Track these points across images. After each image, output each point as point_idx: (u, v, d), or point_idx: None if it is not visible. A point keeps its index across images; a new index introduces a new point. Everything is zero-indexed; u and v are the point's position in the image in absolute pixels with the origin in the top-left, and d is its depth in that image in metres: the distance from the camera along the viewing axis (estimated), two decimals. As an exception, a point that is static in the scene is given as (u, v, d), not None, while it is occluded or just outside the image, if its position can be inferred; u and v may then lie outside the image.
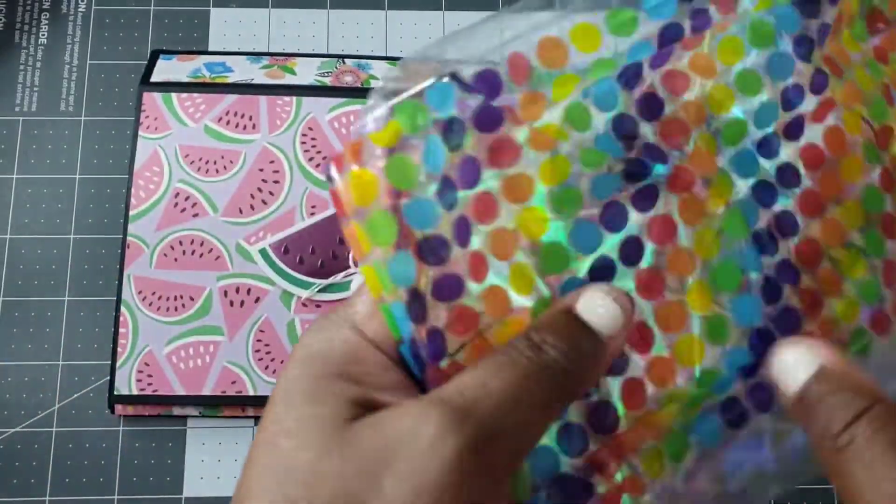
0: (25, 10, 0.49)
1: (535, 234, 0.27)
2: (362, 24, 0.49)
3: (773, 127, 0.29)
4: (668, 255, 0.28)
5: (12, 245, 0.45)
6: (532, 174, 0.27)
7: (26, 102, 0.47)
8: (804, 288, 0.29)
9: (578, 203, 0.27)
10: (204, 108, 0.44)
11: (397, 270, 0.25)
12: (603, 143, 0.27)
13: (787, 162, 0.29)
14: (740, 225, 0.29)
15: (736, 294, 0.28)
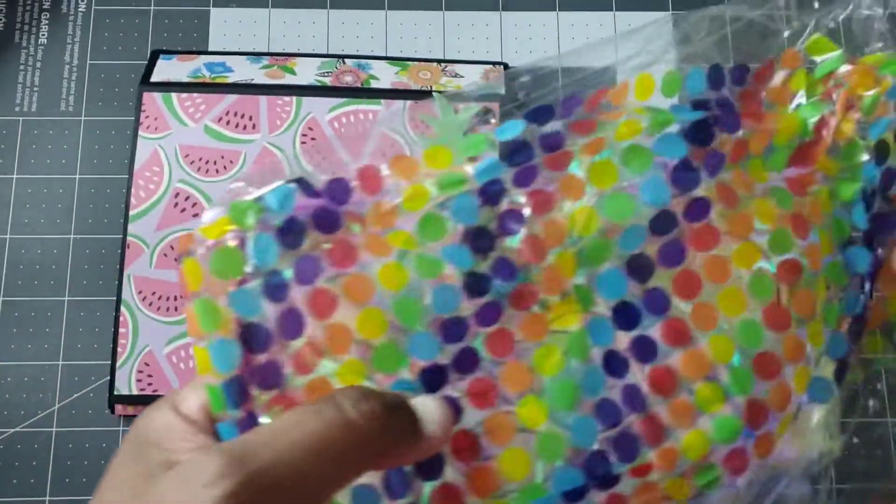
0: (25, 10, 0.49)
1: (372, 336, 0.27)
2: (362, 24, 0.49)
3: (641, 248, 0.29)
4: (503, 368, 0.28)
5: (12, 245, 0.45)
6: (373, 277, 0.28)
7: (26, 102, 0.47)
8: (650, 415, 0.28)
9: (417, 312, 0.28)
10: (204, 108, 0.44)
11: (218, 356, 0.26)
12: (451, 254, 0.28)
13: (657, 287, 0.29)
14: (586, 345, 0.29)
15: (571, 413, 0.28)
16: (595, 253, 0.29)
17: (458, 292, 0.28)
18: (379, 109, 0.44)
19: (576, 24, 0.49)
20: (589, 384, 0.28)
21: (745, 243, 0.29)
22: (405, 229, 0.29)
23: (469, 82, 0.46)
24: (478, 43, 0.49)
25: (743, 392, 0.28)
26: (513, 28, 0.49)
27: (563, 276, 0.29)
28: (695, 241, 0.29)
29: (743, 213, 0.30)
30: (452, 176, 0.29)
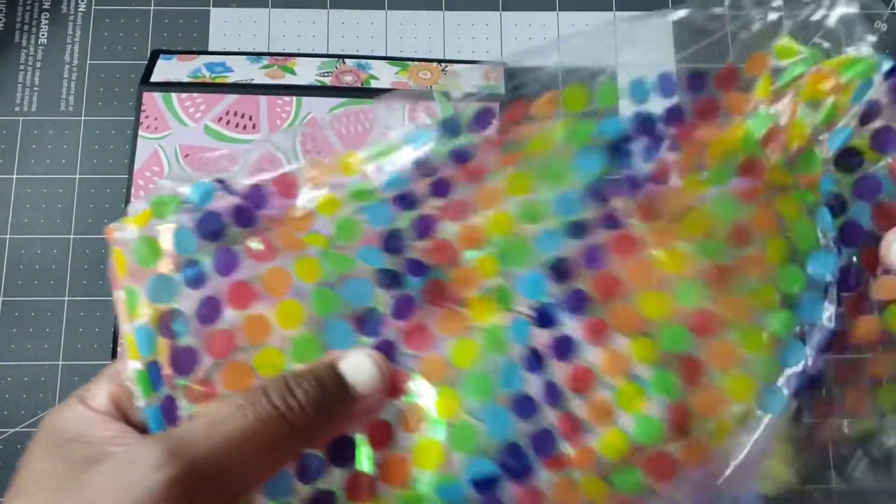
0: (25, 10, 0.49)
1: (290, 327, 0.28)
2: (362, 24, 0.49)
3: (561, 252, 0.30)
4: (420, 361, 0.29)
5: (12, 245, 0.45)
6: (290, 271, 0.29)
7: (26, 102, 0.47)
8: (568, 412, 0.28)
9: (334, 303, 0.29)
10: (204, 107, 0.44)
11: (140, 341, 0.28)
12: (365, 253, 0.30)
13: (578, 288, 0.30)
14: (505, 340, 0.29)
15: (486, 406, 0.28)
16: (514, 255, 0.30)
17: (371, 285, 0.29)
18: (379, 109, 0.44)
19: (576, 24, 0.49)
20: (506, 378, 0.29)
21: (669, 251, 0.29)
22: (321, 233, 0.30)
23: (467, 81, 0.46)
24: (478, 43, 0.49)
25: (665, 394, 0.28)
26: (513, 28, 0.49)
27: (482, 277, 0.30)
28: (615, 247, 0.30)
29: (667, 224, 0.30)
30: (363, 186, 0.30)
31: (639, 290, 0.29)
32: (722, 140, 0.30)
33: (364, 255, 0.30)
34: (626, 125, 0.31)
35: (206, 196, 0.30)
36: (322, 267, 0.29)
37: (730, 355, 0.29)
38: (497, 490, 0.27)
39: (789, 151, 0.31)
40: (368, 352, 0.28)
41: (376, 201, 0.30)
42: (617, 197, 0.29)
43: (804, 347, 0.29)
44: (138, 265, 0.28)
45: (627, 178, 0.30)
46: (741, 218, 0.30)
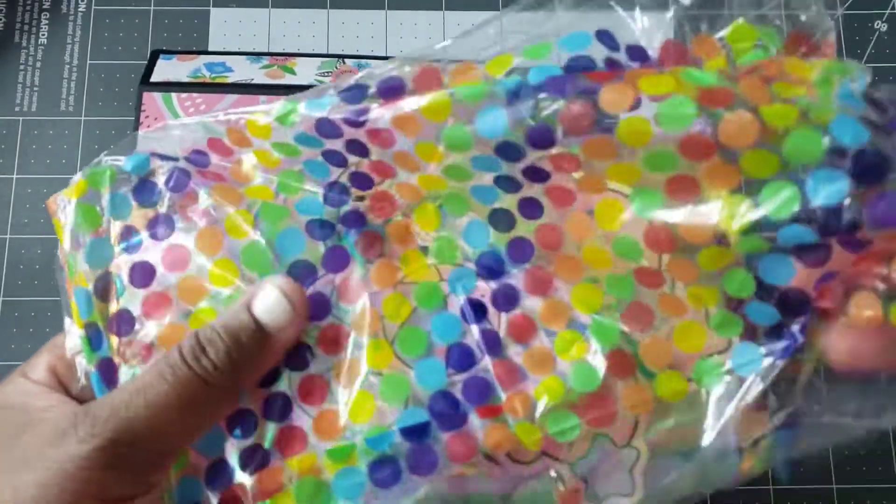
0: (25, 10, 0.49)
1: (224, 285, 0.29)
2: (362, 24, 0.49)
3: (500, 203, 0.29)
4: (353, 315, 0.29)
5: (12, 245, 0.45)
6: (221, 229, 0.30)
7: (26, 102, 0.47)
8: (505, 360, 0.28)
9: (264, 260, 0.29)
10: (204, 108, 0.44)
11: (79, 305, 0.29)
12: (303, 205, 0.30)
13: (520, 237, 0.29)
14: (440, 294, 0.29)
15: (419, 358, 0.28)
16: (455, 205, 0.30)
17: (302, 236, 0.30)
18: (379, 109, 0.44)
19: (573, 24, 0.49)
20: (441, 331, 0.29)
21: (605, 199, 0.28)
22: (264, 184, 0.30)
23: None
24: (478, 43, 0.49)
25: (606, 342, 0.27)
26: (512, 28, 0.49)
27: (422, 229, 0.30)
28: (551, 198, 0.29)
29: (596, 174, 0.27)
30: (290, 146, 0.30)
31: (581, 243, 0.29)
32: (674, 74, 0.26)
33: (301, 206, 0.30)
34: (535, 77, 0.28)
35: (140, 165, 0.31)
36: (254, 221, 0.30)
37: (679, 304, 0.28)
38: (427, 438, 0.27)
39: (769, 131, 0.25)
40: (280, 284, 0.28)
41: (311, 157, 0.30)
42: (535, 150, 0.27)
43: (773, 307, 0.26)
44: (76, 231, 0.30)
45: (537, 132, 0.26)
46: (687, 171, 0.26)
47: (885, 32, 0.49)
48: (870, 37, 0.49)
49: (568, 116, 0.26)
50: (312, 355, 0.29)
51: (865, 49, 0.49)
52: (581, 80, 0.26)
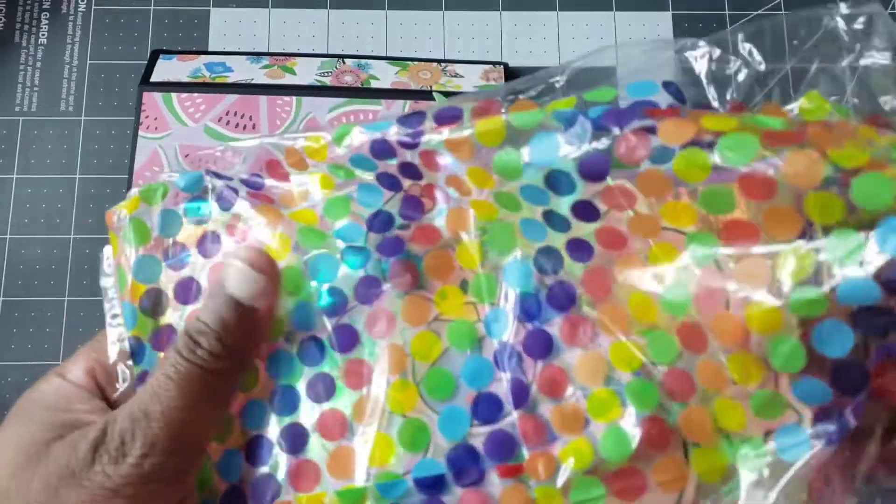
0: (25, 10, 0.49)
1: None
2: (362, 24, 0.49)
3: (548, 241, 0.28)
4: (380, 349, 0.28)
5: (12, 245, 0.45)
6: (261, 246, 0.29)
7: (26, 102, 0.47)
8: (534, 415, 0.26)
9: (300, 283, 0.29)
10: (204, 108, 0.44)
11: (125, 318, 0.29)
12: (344, 230, 0.30)
13: (563, 280, 0.27)
14: (474, 336, 0.28)
15: (444, 403, 0.27)
16: (500, 240, 0.28)
17: (336, 262, 0.29)
18: (379, 109, 0.44)
19: (576, 23, 0.49)
20: (471, 375, 0.27)
21: (660, 244, 0.26)
22: (310, 208, 0.30)
23: (469, 82, 0.46)
24: (478, 43, 0.49)
25: (643, 407, 0.25)
26: (513, 28, 0.49)
27: (463, 265, 0.29)
28: (602, 240, 0.27)
29: (650, 215, 0.26)
30: (346, 169, 0.30)
31: (629, 290, 0.26)
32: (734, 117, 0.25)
33: (341, 232, 0.30)
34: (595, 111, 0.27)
35: (194, 183, 0.31)
36: (293, 244, 0.29)
37: (721, 378, 0.25)
38: (442, 491, 0.26)
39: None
40: (242, 256, 0.28)
41: (364, 181, 0.29)
42: (587, 182, 0.26)
43: (827, 384, 0.23)
44: (128, 246, 0.30)
45: (591, 162, 0.25)
46: (742, 214, 0.25)
47: (885, 32, 0.49)
48: (870, 37, 0.49)
49: (624, 145, 0.25)
50: (335, 388, 0.28)
51: (865, 49, 0.49)
52: (640, 114, 0.25)
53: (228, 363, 0.27)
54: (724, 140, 0.24)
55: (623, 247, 0.27)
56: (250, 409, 0.28)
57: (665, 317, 0.26)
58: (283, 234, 0.29)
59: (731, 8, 0.50)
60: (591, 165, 0.25)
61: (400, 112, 0.44)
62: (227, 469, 0.28)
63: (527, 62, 0.49)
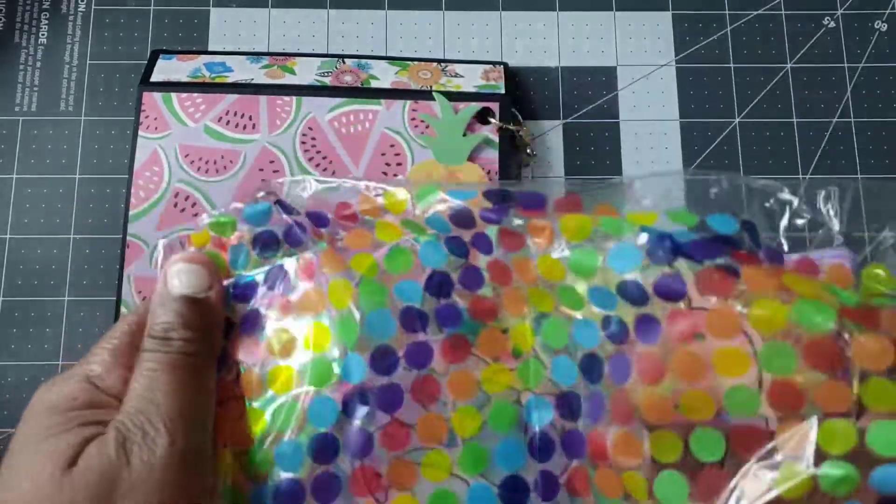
0: (25, 10, 0.49)
1: (315, 350, 0.29)
2: (362, 24, 0.49)
3: (597, 348, 0.28)
4: (420, 418, 0.29)
5: (12, 245, 0.45)
6: (324, 292, 0.30)
7: (26, 102, 0.47)
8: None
9: (353, 334, 0.29)
10: (204, 107, 0.44)
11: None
12: (404, 288, 0.30)
13: (599, 392, 0.28)
14: (516, 417, 0.28)
15: (474, 478, 0.28)
16: (553, 333, 0.29)
17: (393, 321, 0.29)
18: (379, 109, 0.44)
19: (576, 23, 0.49)
20: (505, 456, 0.28)
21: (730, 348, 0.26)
22: (372, 255, 0.30)
23: (469, 82, 0.46)
24: (478, 43, 0.49)
25: (668, 500, 0.26)
26: (513, 28, 0.49)
27: (514, 344, 0.29)
28: (639, 366, 0.28)
29: (701, 352, 0.27)
30: (418, 226, 0.30)
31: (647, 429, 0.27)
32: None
33: (401, 290, 0.30)
34: (681, 236, 0.28)
35: (262, 216, 0.32)
36: (354, 293, 0.30)
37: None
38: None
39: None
40: (182, 257, 0.30)
41: (430, 238, 0.30)
42: (660, 300, 0.27)
43: None
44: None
45: (668, 283, 0.27)
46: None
47: (885, 32, 0.49)
48: (870, 37, 0.49)
49: (708, 279, 0.26)
50: (371, 445, 0.28)
51: (865, 49, 0.49)
52: (724, 254, 0.27)
53: (202, 345, 0.29)
54: (803, 304, 0.25)
55: (652, 382, 0.27)
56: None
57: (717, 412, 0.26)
58: (347, 282, 0.30)
59: (731, 8, 0.50)
60: (669, 288, 0.27)
61: (400, 112, 0.44)
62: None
63: (527, 62, 0.49)
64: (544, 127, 0.47)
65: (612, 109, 0.48)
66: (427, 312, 0.29)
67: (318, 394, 0.29)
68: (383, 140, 0.44)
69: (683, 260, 0.27)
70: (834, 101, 0.48)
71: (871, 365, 0.24)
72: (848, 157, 0.47)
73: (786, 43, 0.49)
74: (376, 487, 0.28)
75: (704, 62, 0.49)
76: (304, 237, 0.31)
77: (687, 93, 0.48)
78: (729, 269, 0.26)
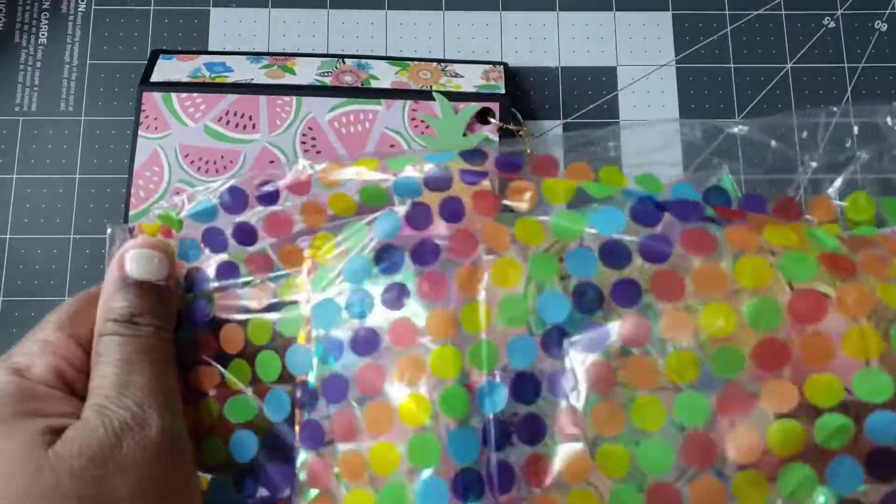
0: (25, 10, 0.49)
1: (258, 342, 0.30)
2: (362, 24, 0.49)
3: (567, 325, 0.27)
4: (368, 404, 0.27)
5: (12, 245, 0.45)
6: (270, 287, 0.31)
7: (26, 102, 0.47)
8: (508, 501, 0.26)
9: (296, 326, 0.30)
10: (204, 107, 0.44)
11: None
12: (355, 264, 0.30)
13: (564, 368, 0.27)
14: (463, 404, 0.27)
15: (425, 471, 0.26)
16: (511, 312, 0.28)
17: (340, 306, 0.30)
18: (379, 109, 0.44)
19: (576, 23, 0.49)
20: (457, 446, 0.26)
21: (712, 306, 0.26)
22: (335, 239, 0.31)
23: (469, 82, 0.46)
24: (478, 43, 0.49)
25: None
26: (513, 28, 0.49)
27: (463, 328, 0.28)
28: (623, 331, 0.27)
29: (689, 311, 0.27)
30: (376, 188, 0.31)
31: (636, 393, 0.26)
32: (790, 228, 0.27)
33: (352, 270, 0.30)
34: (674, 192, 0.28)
35: (210, 215, 0.32)
36: (305, 282, 0.30)
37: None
38: None
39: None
40: (137, 244, 0.30)
41: (385, 212, 0.30)
42: (646, 263, 0.26)
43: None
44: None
45: (654, 243, 0.26)
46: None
47: (885, 32, 0.49)
48: (870, 37, 0.49)
49: (689, 238, 0.26)
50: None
51: (865, 49, 0.49)
52: (706, 212, 0.27)
53: (166, 331, 0.29)
54: (786, 259, 0.25)
55: (637, 343, 0.27)
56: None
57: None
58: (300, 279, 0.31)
59: (731, 8, 0.50)
60: (654, 248, 0.26)
61: (400, 112, 0.44)
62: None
63: (527, 62, 0.49)
64: (544, 127, 0.47)
65: (612, 109, 0.48)
66: (372, 294, 0.29)
67: (272, 390, 0.30)
68: (383, 140, 0.44)
69: (669, 216, 0.27)
70: (834, 102, 0.48)
71: (850, 314, 0.25)
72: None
73: (786, 43, 0.49)
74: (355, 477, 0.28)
75: (704, 62, 0.49)
76: (254, 236, 0.32)
77: (687, 93, 0.48)
78: (712, 226, 0.27)
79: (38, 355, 0.28)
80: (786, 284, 0.26)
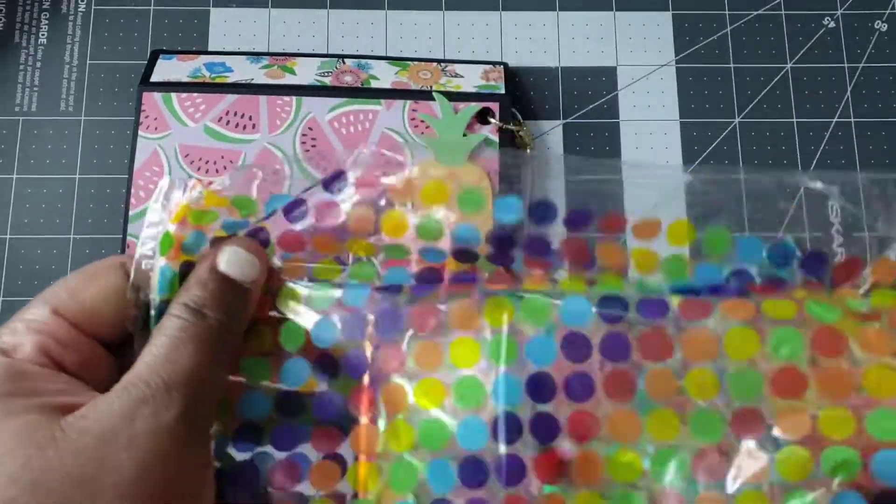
0: (25, 10, 0.49)
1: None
2: (362, 24, 0.49)
3: (587, 330, 0.28)
4: (386, 387, 0.28)
5: (12, 245, 0.45)
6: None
7: (26, 102, 0.47)
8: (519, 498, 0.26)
9: (299, 337, 0.29)
10: (204, 107, 0.44)
11: (160, 281, 0.29)
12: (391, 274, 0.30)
13: (546, 412, 0.27)
14: (481, 393, 0.27)
15: (434, 455, 0.27)
16: (534, 313, 0.28)
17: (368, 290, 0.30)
18: (379, 109, 0.44)
19: (576, 23, 0.49)
20: (467, 435, 0.27)
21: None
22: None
23: (469, 82, 0.46)
24: (478, 43, 0.49)
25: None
26: (513, 28, 0.49)
27: (486, 322, 0.28)
28: (641, 343, 0.28)
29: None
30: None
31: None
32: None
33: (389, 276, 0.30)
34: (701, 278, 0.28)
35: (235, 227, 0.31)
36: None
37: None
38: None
39: None
40: (238, 245, 0.29)
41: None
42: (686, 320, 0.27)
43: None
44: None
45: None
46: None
47: (885, 32, 0.49)
48: (870, 37, 0.49)
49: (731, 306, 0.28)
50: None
51: (865, 49, 0.49)
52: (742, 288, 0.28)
53: (233, 330, 0.28)
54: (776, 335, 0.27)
55: (658, 359, 0.27)
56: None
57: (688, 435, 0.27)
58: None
59: (731, 8, 0.50)
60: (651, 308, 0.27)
61: (400, 112, 0.44)
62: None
63: (527, 62, 0.49)
64: (544, 127, 0.47)
65: (612, 109, 0.48)
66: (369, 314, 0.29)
67: (289, 356, 0.29)
68: (383, 140, 0.44)
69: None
70: (834, 101, 0.48)
71: (874, 351, 0.26)
72: (848, 158, 0.47)
73: (786, 43, 0.49)
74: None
75: (704, 62, 0.49)
76: (267, 240, 0.31)
77: (687, 93, 0.48)
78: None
79: (23, 334, 0.27)
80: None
